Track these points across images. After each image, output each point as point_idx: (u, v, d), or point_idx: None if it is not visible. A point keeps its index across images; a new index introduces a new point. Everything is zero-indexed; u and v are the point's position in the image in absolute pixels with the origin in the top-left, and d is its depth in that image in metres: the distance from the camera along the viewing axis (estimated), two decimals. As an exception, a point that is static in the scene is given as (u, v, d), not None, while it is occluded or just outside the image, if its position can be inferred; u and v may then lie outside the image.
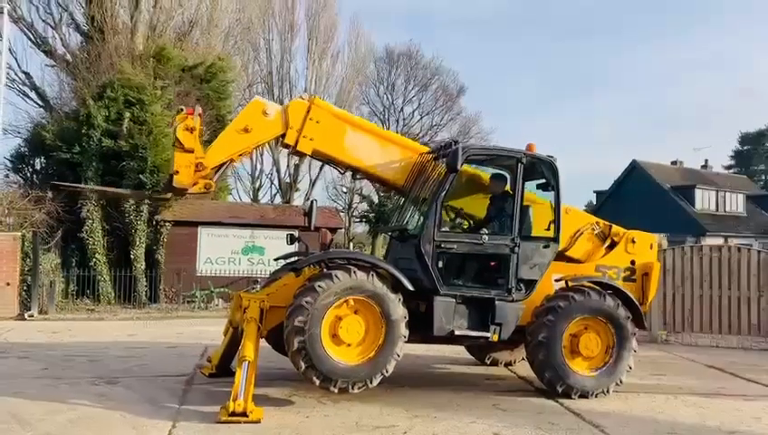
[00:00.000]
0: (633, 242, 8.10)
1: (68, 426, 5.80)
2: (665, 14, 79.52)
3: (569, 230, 7.81)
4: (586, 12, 76.74)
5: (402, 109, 39.26)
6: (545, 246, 7.20)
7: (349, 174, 8.47)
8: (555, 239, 7.27)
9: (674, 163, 41.88)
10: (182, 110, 7.06)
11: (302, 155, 7.73)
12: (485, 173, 7.94)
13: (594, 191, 44.30)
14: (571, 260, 7.89)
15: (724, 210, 38.19)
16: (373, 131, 7.85)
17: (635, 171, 39.24)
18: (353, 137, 7.50)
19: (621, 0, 78.07)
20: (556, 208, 7.28)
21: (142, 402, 6.62)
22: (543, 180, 7.40)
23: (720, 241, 33.66)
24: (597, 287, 7.32)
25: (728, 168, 54.19)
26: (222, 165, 7.35)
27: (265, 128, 7.28)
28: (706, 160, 43.97)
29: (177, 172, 6.94)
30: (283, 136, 7.31)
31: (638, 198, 36.61)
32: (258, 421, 5.89)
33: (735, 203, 39.04)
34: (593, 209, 40.54)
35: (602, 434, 5.93)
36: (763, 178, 54.76)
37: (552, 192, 7.30)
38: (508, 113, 69.91)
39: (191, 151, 6.94)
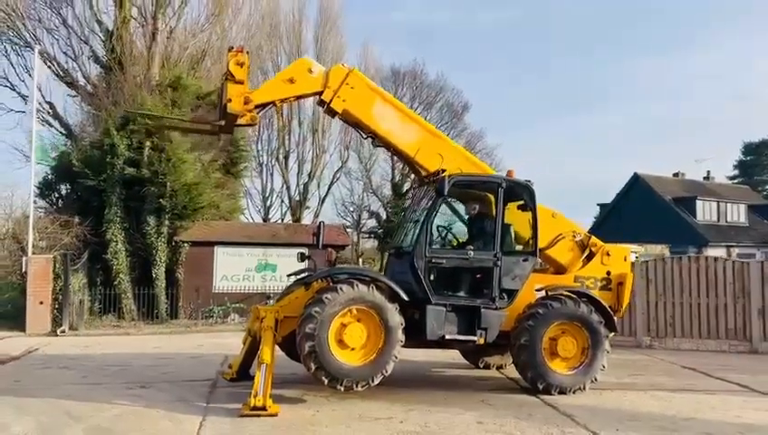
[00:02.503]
0: (608, 255, 8.97)
1: (114, 420, 6.82)
2: (666, 25, 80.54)
3: (553, 232, 8.77)
4: (586, 24, 77.94)
5: (409, 127, 40.21)
6: (524, 260, 8.17)
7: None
8: (533, 253, 8.24)
9: (675, 175, 42.63)
10: (232, 48, 8.22)
11: (333, 114, 8.73)
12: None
13: (597, 204, 45.13)
14: (550, 260, 8.87)
15: (725, 221, 38.87)
16: (399, 108, 8.90)
17: (637, 184, 40.06)
18: (380, 107, 8.59)
19: (622, 11, 79.20)
20: (533, 226, 8.25)
21: (174, 402, 7.61)
22: (522, 202, 8.40)
23: (722, 252, 34.45)
24: (573, 296, 8.24)
25: (732, 178, 54.80)
26: (266, 105, 8.43)
27: (308, 82, 8.40)
28: (708, 172, 44.80)
29: (230, 100, 7.97)
30: (321, 93, 8.42)
31: (640, 211, 37.42)
32: (275, 415, 6.86)
33: (737, 213, 39.71)
34: (598, 222, 41.42)
35: (572, 422, 6.86)
36: (767, 187, 55.26)
37: (530, 212, 8.28)
38: (512, 127, 70.94)
39: (241, 83, 8.05)
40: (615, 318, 8.57)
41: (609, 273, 8.90)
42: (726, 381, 9.23)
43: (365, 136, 9.02)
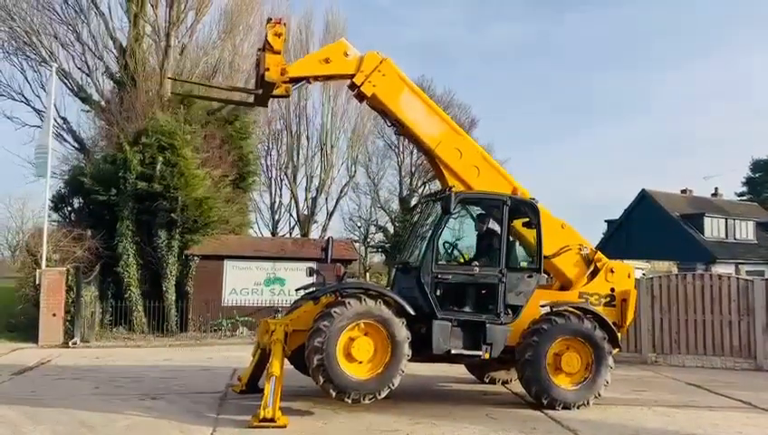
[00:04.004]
0: (612, 271, 9.10)
1: (126, 430, 7.00)
2: (676, 42, 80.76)
3: (560, 242, 8.94)
4: (595, 41, 78.28)
5: (416, 142, 40.45)
6: (529, 276, 8.34)
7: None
8: (538, 270, 8.40)
9: (683, 192, 42.60)
10: (270, 19, 8.53)
11: (362, 98, 8.97)
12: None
13: (605, 220, 45.08)
14: (556, 270, 9.03)
15: (733, 238, 38.78)
16: (425, 100, 9.15)
17: (644, 200, 40.09)
18: (408, 97, 8.88)
19: (634, 29, 79.55)
20: (538, 243, 8.41)
21: (184, 413, 7.77)
22: (527, 219, 8.57)
23: (731, 268, 34.32)
24: (577, 312, 8.38)
25: (740, 195, 54.65)
26: (300, 79, 8.76)
27: (342, 64, 8.71)
28: (716, 188, 44.71)
29: (268, 69, 8.29)
30: (352, 76, 8.70)
31: (647, 227, 37.44)
32: (284, 426, 7.01)
33: (745, 230, 39.62)
34: (606, 238, 41.43)
35: (575, 436, 6.99)
36: (776, 204, 54.99)
37: (535, 229, 8.45)
38: (521, 143, 71.17)
39: (279, 53, 8.40)
40: (619, 334, 8.70)
41: (613, 289, 9.03)
42: (730, 397, 9.31)
43: (389, 124, 9.32)
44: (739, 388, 9.93)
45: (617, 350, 8.63)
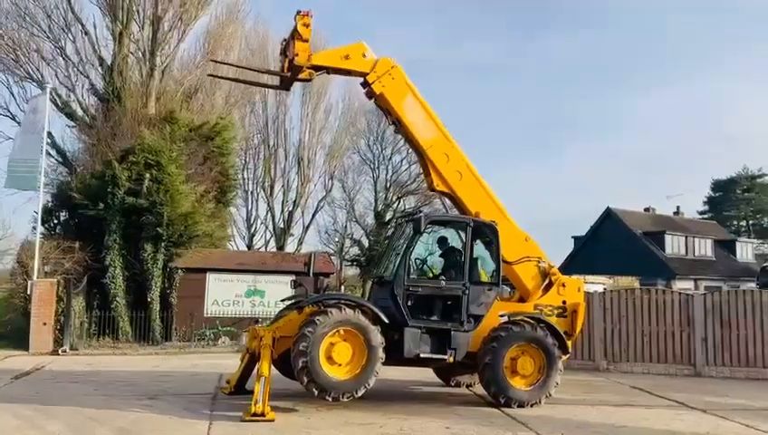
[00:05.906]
0: (564, 286, 10.27)
1: (133, 424, 7.91)
2: (647, 62, 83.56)
3: (522, 252, 10.13)
4: (569, 59, 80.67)
5: (391, 158, 41.38)
6: (489, 289, 9.46)
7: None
8: (497, 284, 9.53)
9: (647, 210, 44.40)
10: (300, 11, 9.74)
11: (371, 96, 10.23)
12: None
13: (572, 237, 46.57)
14: (514, 276, 10.16)
15: (693, 255, 40.52)
16: (425, 107, 10.31)
17: (609, 218, 41.69)
18: (411, 101, 10.18)
19: (602, 48, 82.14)
20: (496, 260, 9.54)
21: (181, 410, 8.67)
22: (488, 239, 9.71)
23: (690, 284, 36.00)
24: (531, 321, 9.51)
25: (702, 213, 56.94)
26: (321, 68, 9.98)
27: (359, 62, 9.96)
28: (678, 207, 46.70)
29: (297, 55, 9.56)
30: (366, 75, 9.92)
31: (612, 244, 38.94)
32: (272, 420, 8.00)
33: (704, 248, 41.41)
34: (572, 254, 42.94)
35: (526, 428, 8.08)
36: (735, 223, 57.45)
37: (494, 248, 9.58)
38: (493, 159, 72.80)
39: (307, 41, 9.67)
40: (569, 342, 9.85)
41: (564, 302, 10.17)
42: (666, 398, 10.46)
43: (390, 122, 10.59)
44: (676, 391, 11.09)
45: (566, 356, 9.77)
